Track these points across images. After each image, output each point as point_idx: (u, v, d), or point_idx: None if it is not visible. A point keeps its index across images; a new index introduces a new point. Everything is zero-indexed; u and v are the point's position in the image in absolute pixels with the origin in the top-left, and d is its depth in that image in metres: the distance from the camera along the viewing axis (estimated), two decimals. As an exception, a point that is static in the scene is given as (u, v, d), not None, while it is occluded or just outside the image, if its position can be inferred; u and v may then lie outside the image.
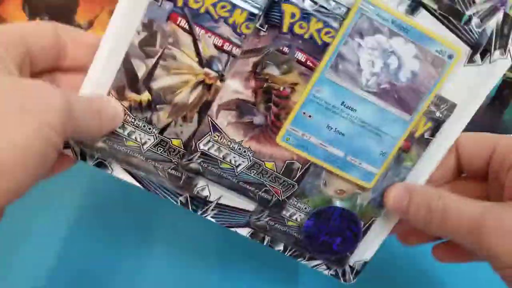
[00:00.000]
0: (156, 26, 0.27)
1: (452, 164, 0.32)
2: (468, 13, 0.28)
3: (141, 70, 0.28)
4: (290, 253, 0.33)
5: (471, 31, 0.28)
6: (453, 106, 0.29)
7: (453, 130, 0.30)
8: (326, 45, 0.27)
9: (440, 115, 0.30)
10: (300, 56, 0.28)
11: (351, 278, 0.34)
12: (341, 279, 0.34)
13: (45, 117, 0.21)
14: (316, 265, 0.34)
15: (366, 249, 0.33)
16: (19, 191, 0.21)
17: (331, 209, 0.31)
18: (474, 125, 0.49)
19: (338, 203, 0.31)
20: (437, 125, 0.30)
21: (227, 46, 0.28)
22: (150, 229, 0.41)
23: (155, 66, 0.28)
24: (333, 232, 0.32)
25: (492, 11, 0.28)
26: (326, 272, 0.34)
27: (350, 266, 0.34)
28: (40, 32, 0.27)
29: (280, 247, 0.33)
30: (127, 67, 0.28)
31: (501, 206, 0.26)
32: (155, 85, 0.28)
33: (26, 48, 0.25)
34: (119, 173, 0.31)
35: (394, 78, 0.28)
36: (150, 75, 0.28)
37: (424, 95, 0.29)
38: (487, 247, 0.26)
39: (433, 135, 0.30)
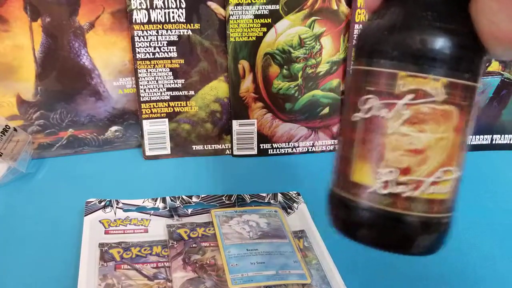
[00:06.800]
0: (110, 276, 0.38)
1: None
2: (267, 198, 0.50)
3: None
4: None
5: (278, 203, 0.50)
6: (303, 231, 0.47)
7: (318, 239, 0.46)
8: (214, 235, 0.44)
9: (301, 234, 0.46)
10: (204, 243, 0.43)
11: None
12: None
13: None
14: None
15: None
16: None
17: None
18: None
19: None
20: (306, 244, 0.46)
21: (160, 265, 0.40)
22: None
23: (121, 300, 0.37)
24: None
25: (274, 195, 0.51)
26: None
27: None
28: None
29: None
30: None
31: None
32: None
33: None
34: None
35: (260, 230, 0.45)
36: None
37: (284, 230, 0.46)
38: None
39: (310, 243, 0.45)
